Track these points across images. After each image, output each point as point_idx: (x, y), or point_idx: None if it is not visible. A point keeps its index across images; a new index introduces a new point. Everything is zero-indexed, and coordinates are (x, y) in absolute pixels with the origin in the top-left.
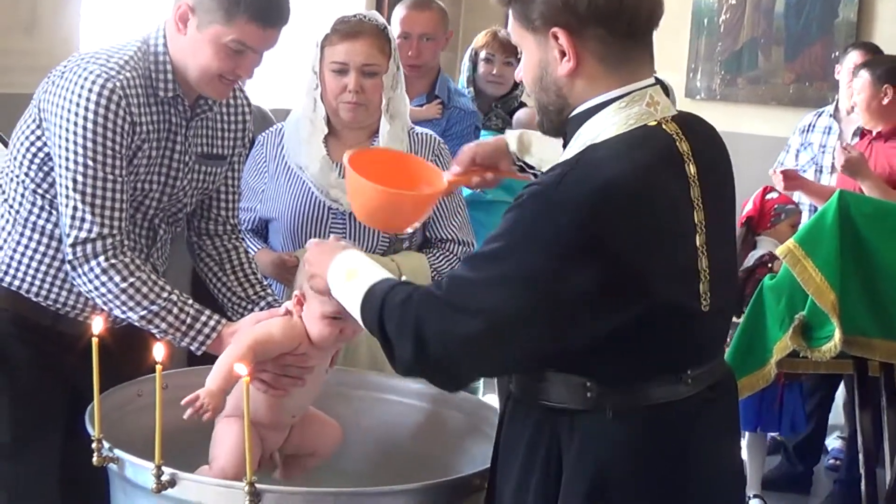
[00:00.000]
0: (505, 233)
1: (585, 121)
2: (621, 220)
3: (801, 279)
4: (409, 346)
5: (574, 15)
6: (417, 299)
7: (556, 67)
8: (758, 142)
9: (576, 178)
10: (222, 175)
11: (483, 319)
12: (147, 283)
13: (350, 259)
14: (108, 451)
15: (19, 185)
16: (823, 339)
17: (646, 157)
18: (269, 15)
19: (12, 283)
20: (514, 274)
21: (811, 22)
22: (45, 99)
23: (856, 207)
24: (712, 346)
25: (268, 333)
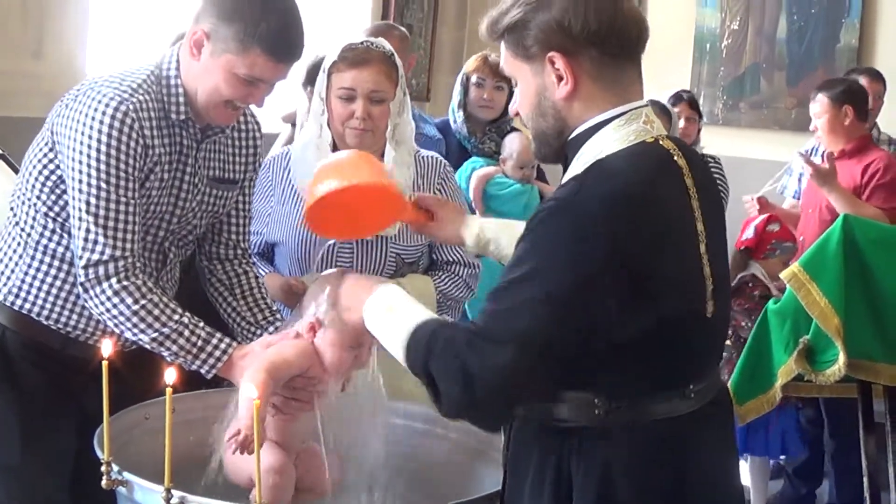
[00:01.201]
0: (528, 255)
1: (586, 140)
2: (638, 228)
3: (805, 303)
4: (457, 387)
5: (569, 37)
6: (458, 339)
7: (555, 91)
8: (760, 166)
9: (591, 192)
10: (233, 199)
11: (515, 346)
12: (159, 305)
13: (389, 296)
14: (117, 473)
15: (31, 208)
16: (828, 363)
17: (652, 168)
18: (283, 50)
19: (23, 306)
20: (542, 296)
21: (813, 47)
22: (57, 122)
23: (860, 232)
24: (712, 358)
25: (281, 356)
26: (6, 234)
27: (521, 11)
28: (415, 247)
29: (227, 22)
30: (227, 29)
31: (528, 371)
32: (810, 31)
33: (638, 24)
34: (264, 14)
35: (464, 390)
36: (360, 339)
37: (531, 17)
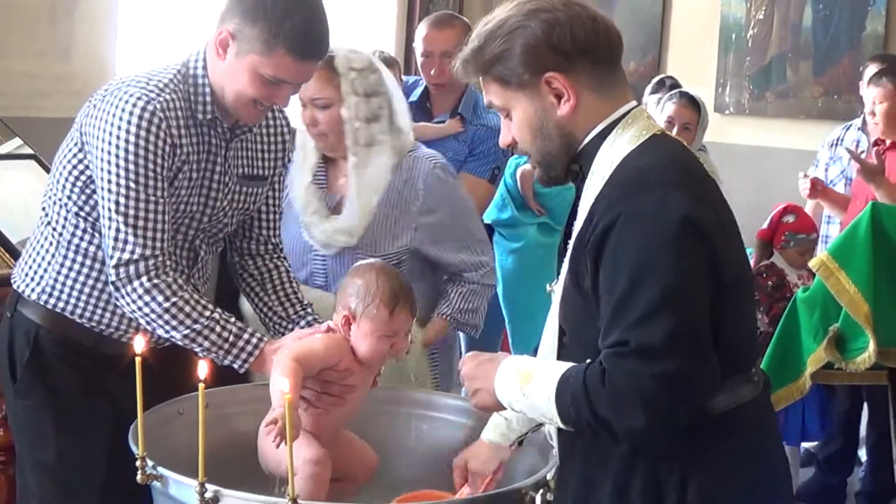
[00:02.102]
0: (621, 266)
1: (599, 145)
2: (707, 206)
3: (834, 291)
4: (640, 416)
5: (562, 54)
6: (612, 368)
7: (555, 111)
8: (787, 155)
9: (653, 185)
10: (263, 195)
11: (673, 353)
12: (189, 302)
13: (520, 364)
14: (151, 468)
15: (62, 208)
16: (858, 351)
17: (681, 154)
18: (307, 50)
19: (56, 304)
20: (660, 295)
21: (839, 36)
22: (86, 122)
23: (889, 219)
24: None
25: (308, 348)
26: (38, 234)
27: (501, 42)
28: (391, 253)
29: (251, 22)
30: (252, 29)
31: (699, 369)
32: (836, 20)
33: (614, 31)
34: (288, 13)
35: (648, 417)
36: (395, 328)
37: (514, 45)
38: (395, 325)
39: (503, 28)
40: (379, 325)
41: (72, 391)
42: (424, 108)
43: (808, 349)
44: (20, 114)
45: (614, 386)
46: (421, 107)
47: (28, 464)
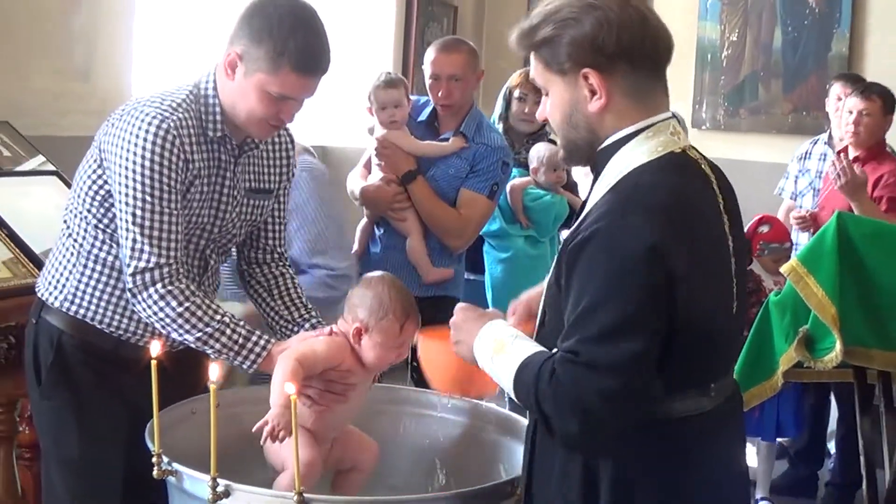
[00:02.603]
0: (590, 279)
1: (615, 152)
2: (678, 239)
3: (803, 295)
4: (574, 424)
5: (603, 55)
6: (563, 377)
7: (587, 105)
8: (759, 168)
9: (631, 211)
10: (269, 207)
11: (617, 372)
12: (201, 307)
13: (497, 331)
14: (167, 464)
15: (82, 220)
16: (825, 351)
17: (685, 179)
18: (310, 66)
19: (77, 311)
20: (619, 320)
21: (807, 56)
22: (105, 140)
23: (854, 227)
24: (732, 355)
25: (311, 349)
26: (60, 245)
27: (552, 28)
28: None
29: (257, 43)
30: (258, 50)
31: (638, 392)
32: (804, 42)
33: (665, 39)
34: (291, 33)
35: (582, 426)
36: (403, 339)
37: (563, 34)
38: (403, 338)
39: (558, 15)
40: (390, 338)
41: (92, 392)
42: (433, 126)
43: (780, 349)
44: (42, 132)
45: (559, 388)
46: (429, 126)
47: (52, 460)
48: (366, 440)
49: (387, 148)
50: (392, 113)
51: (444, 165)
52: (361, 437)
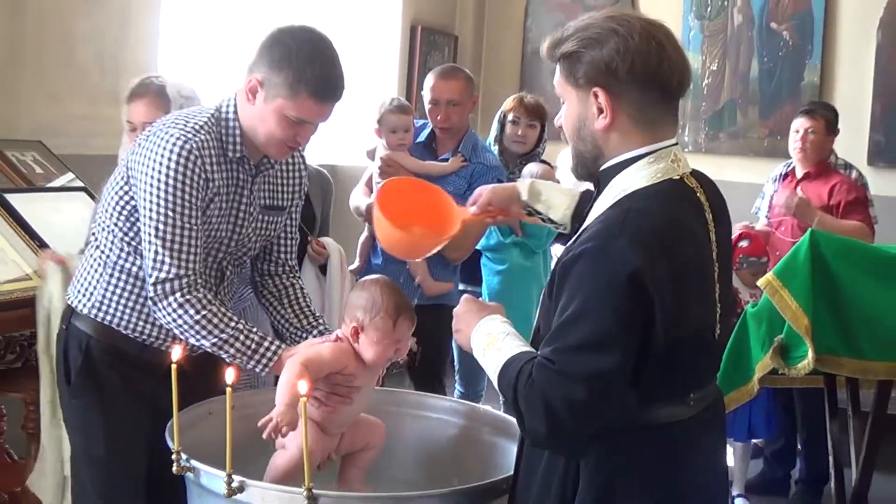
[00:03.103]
0: (576, 293)
1: (617, 173)
2: (664, 265)
3: (779, 307)
4: (542, 424)
5: (614, 77)
6: (538, 379)
7: (594, 122)
8: (737, 188)
9: (623, 234)
10: (282, 223)
11: (587, 385)
12: (217, 314)
13: (492, 327)
14: (185, 461)
15: (109, 233)
16: (799, 358)
17: (677, 207)
18: (327, 93)
19: (104, 318)
20: (597, 335)
21: (781, 85)
22: (132, 159)
23: (825, 245)
24: (713, 370)
25: (317, 354)
26: (88, 257)
27: (576, 44)
28: None
29: (277, 71)
30: (278, 77)
31: (605, 406)
32: (778, 72)
33: (681, 71)
34: (309, 62)
35: (548, 427)
36: (397, 336)
37: (584, 51)
38: (397, 334)
39: (585, 33)
40: (384, 334)
41: (118, 393)
42: (430, 147)
43: (756, 357)
44: (73, 151)
45: (532, 389)
46: (427, 146)
47: (81, 456)
48: (371, 421)
49: (391, 167)
50: (402, 137)
51: (443, 183)
52: (367, 420)
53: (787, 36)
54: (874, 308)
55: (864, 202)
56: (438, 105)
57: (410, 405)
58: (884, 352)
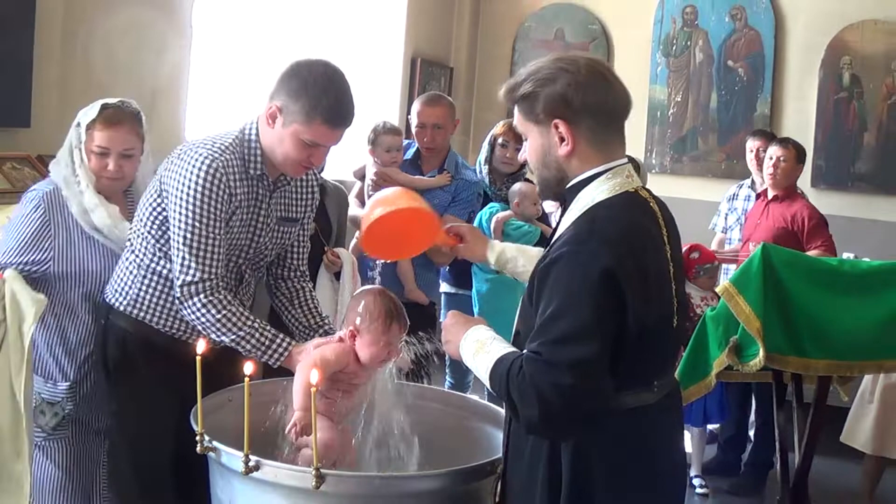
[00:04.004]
0: (555, 293)
1: (581, 189)
2: (631, 262)
3: (734, 311)
4: (535, 411)
5: (570, 109)
6: (528, 370)
7: (557, 149)
8: (698, 205)
9: (593, 237)
10: (296, 233)
11: (573, 371)
12: (236, 314)
13: (479, 334)
14: (208, 442)
15: (144, 240)
16: (751, 357)
17: (637, 213)
18: (338, 120)
19: (139, 314)
20: (577, 327)
21: (737, 115)
22: (165, 175)
23: (776, 256)
24: (673, 360)
25: (324, 357)
26: (125, 261)
27: (532, 85)
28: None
29: (294, 99)
30: (295, 104)
31: (589, 390)
32: (734, 103)
33: (623, 99)
34: (324, 92)
35: (541, 413)
36: (389, 339)
37: (540, 90)
38: (389, 337)
39: (538, 75)
40: (377, 337)
41: (150, 380)
42: (416, 164)
43: (714, 355)
44: None
45: (524, 380)
46: (413, 163)
47: (117, 437)
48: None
49: (385, 180)
50: (394, 155)
51: (430, 196)
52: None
53: (741, 72)
54: (817, 313)
55: (824, 226)
56: (425, 128)
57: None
58: (824, 351)
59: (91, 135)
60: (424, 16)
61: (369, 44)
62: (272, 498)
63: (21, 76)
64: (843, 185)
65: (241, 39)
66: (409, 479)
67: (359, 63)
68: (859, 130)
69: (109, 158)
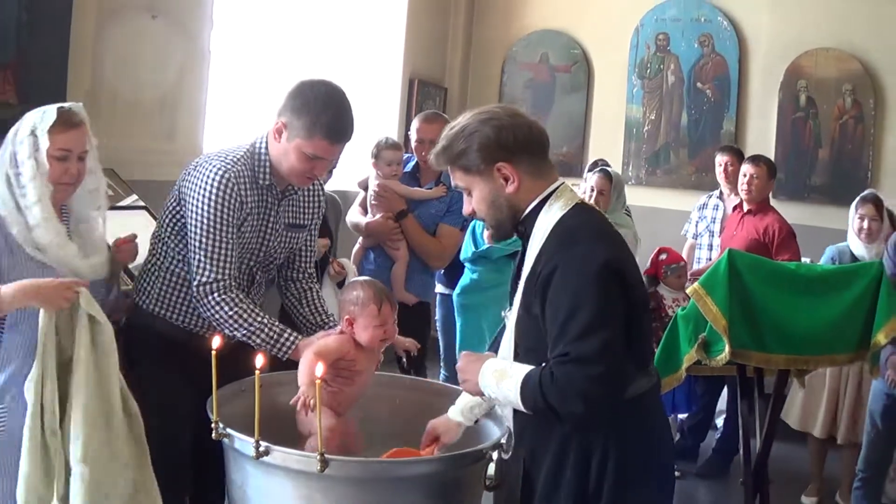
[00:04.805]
0: (563, 296)
1: (536, 216)
2: (618, 251)
3: (703, 310)
4: (579, 405)
5: (507, 150)
6: (558, 372)
7: (504, 190)
8: (670, 214)
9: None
10: (303, 238)
11: (602, 359)
12: (247, 311)
13: (496, 365)
14: (222, 429)
15: (163, 244)
16: (718, 352)
17: (596, 217)
18: (338, 136)
19: (159, 312)
20: (593, 320)
21: (705, 132)
22: (183, 184)
23: (740, 261)
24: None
25: (325, 344)
26: (147, 263)
27: (464, 142)
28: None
29: (297, 116)
30: (298, 121)
31: (619, 371)
32: (703, 121)
33: (541, 132)
34: (324, 110)
35: (585, 406)
36: (383, 319)
37: (472, 143)
38: (382, 318)
39: (464, 132)
40: (371, 319)
41: (169, 372)
42: (415, 176)
43: (684, 351)
44: (137, 177)
45: (559, 384)
46: (412, 176)
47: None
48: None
49: (386, 191)
50: (395, 169)
51: (427, 206)
52: (357, 429)
53: (709, 93)
54: (777, 312)
55: (793, 238)
56: (423, 143)
57: (406, 387)
58: (784, 346)
59: (53, 138)
60: (421, 40)
61: (371, 65)
62: (281, 480)
63: (56, 96)
64: (801, 196)
65: (255, 62)
66: (406, 465)
67: (361, 83)
68: (815, 147)
69: (69, 162)
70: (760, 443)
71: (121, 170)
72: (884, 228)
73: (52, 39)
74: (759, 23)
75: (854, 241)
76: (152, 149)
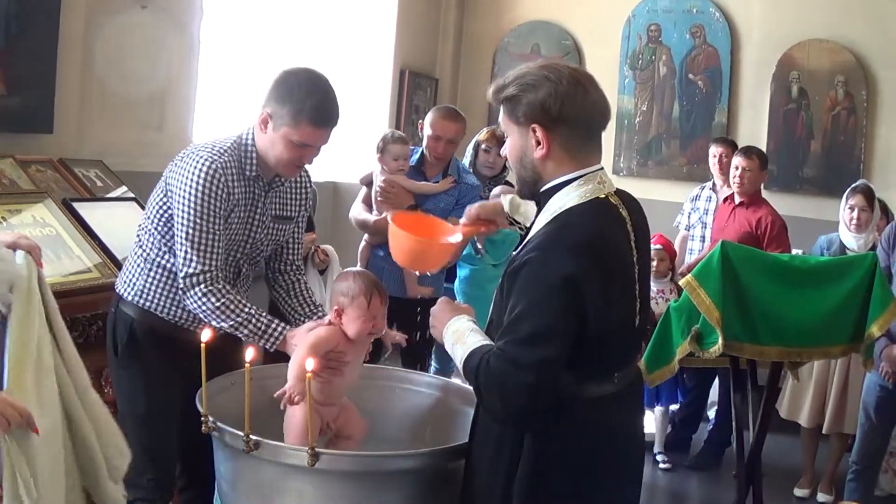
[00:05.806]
0: (523, 294)
1: (554, 194)
2: (592, 268)
3: (695, 302)
4: (498, 403)
5: (547, 116)
6: (494, 366)
7: (533, 152)
8: (662, 206)
9: (559, 244)
10: (290, 231)
11: (535, 371)
12: (234, 302)
13: (459, 325)
14: (212, 423)
15: (150, 235)
16: (711, 344)
17: (603, 221)
18: (323, 120)
19: (145, 304)
20: (540, 328)
21: (697, 123)
22: (170, 176)
23: (733, 253)
24: (634, 354)
25: (317, 336)
26: (133, 254)
27: (515, 89)
28: None
29: (281, 104)
30: (282, 109)
31: (548, 388)
32: (695, 113)
33: (602, 111)
34: (308, 96)
35: (503, 406)
36: (373, 312)
37: (523, 95)
38: (372, 311)
39: (522, 80)
40: (361, 311)
41: (157, 364)
42: (420, 170)
43: (677, 343)
44: (126, 168)
45: (490, 374)
46: (417, 169)
47: (126, 416)
48: (360, 419)
49: (393, 187)
50: (401, 163)
51: (435, 201)
52: (359, 416)
53: (701, 85)
54: (769, 304)
55: (784, 232)
56: (440, 141)
57: (397, 379)
58: (776, 338)
59: None
60: (412, 32)
61: (362, 57)
62: (271, 474)
63: (45, 87)
64: (793, 187)
65: (244, 53)
66: (395, 458)
67: (352, 74)
68: (807, 139)
69: None
70: (754, 436)
71: (110, 161)
72: (874, 219)
73: (42, 29)
74: (751, 14)
75: (844, 232)
76: (142, 140)
